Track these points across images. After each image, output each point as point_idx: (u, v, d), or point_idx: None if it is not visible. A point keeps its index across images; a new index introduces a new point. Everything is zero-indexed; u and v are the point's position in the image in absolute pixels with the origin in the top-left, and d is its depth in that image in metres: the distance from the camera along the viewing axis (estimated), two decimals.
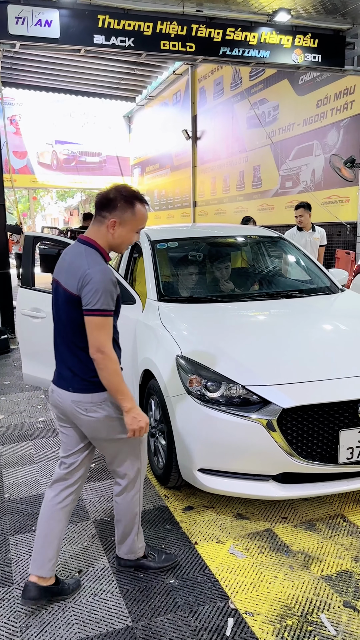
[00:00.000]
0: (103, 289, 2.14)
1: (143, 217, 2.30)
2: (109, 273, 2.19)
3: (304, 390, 2.82)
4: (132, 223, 2.27)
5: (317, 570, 2.58)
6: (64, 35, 6.96)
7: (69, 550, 2.78)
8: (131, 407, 2.22)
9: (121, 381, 2.20)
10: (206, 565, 2.63)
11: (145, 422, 2.25)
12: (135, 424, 2.23)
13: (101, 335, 2.16)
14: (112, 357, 2.17)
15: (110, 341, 2.19)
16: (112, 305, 2.18)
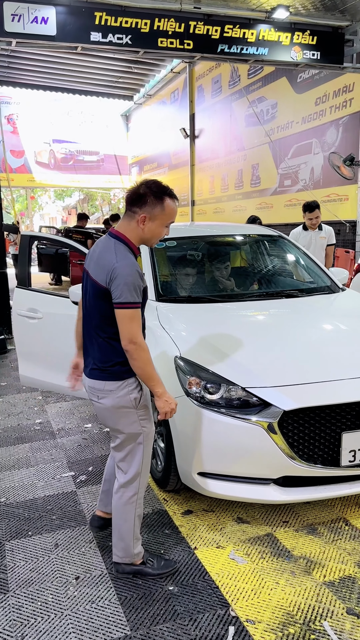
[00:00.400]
0: (131, 283, 2.23)
1: (172, 211, 2.36)
2: (135, 266, 2.28)
3: (306, 391, 2.76)
4: (161, 218, 2.34)
5: (320, 576, 2.53)
6: (61, 32, 6.90)
7: (65, 556, 2.72)
8: (163, 392, 2.34)
9: (153, 369, 2.31)
10: (206, 571, 2.57)
11: (175, 404, 2.39)
12: (167, 406, 2.34)
13: (133, 327, 2.25)
14: (144, 347, 2.27)
15: (141, 332, 2.29)
16: (139, 298, 2.27)
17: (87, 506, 3.18)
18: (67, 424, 4.48)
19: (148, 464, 2.51)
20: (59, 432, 4.32)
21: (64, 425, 4.45)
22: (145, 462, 2.48)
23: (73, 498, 3.28)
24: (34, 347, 4.14)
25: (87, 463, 3.73)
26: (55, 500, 3.27)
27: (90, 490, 3.35)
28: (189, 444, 2.86)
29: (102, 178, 21.89)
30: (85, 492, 3.34)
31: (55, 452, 3.92)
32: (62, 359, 4.04)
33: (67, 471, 3.63)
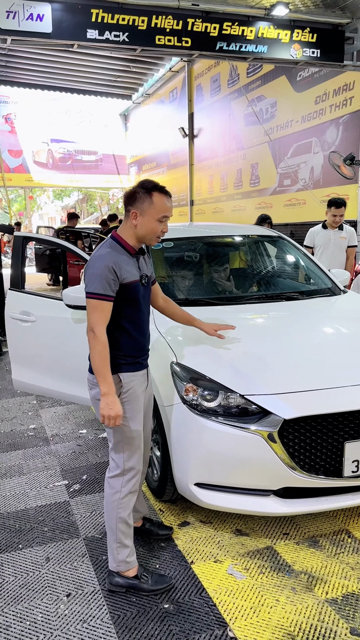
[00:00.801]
0: (97, 274, 2.26)
1: (162, 205, 2.34)
2: (105, 259, 2.29)
3: (307, 399, 2.65)
4: (151, 212, 2.33)
5: (322, 592, 2.42)
6: (57, 29, 6.78)
7: (56, 570, 2.61)
8: (106, 392, 2.27)
9: (103, 365, 2.27)
10: (203, 587, 2.46)
11: (116, 413, 2.26)
12: (106, 410, 2.26)
13: (93, 317, 2.27)
14: (100, 339, 2.26)
15: (103, 325, 2.27)
16: (108, 291, 2.27)
17: (80, 517, 3.07)
18: (62, 430, 4.37)
19: (132, 466, 2.43)
20: (53, 438, 4.21)
21: (58, 431, 4.34)
22: (128, 461, 2.41)
23: (66, 508, 3.17)
24: (27, 351, 4.03)
25: (81, 471, 3.62)
26: (48, 510, 3.16)
27: (84, 500, 3.24)
28: (185, 454, 2.75)
29: (101, 178, 21.77)
30: (79, 502, 3.22)
31: (49, 460, 3.81)
32: (55, 363, 3.94)
33: (61, 480, 3.52)
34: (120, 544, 2.44)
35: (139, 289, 2.39)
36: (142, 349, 2.47)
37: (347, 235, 5.81)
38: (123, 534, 2.44)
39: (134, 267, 2.40)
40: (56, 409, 4.87)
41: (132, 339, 2.41)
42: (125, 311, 2.37)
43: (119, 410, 2.27)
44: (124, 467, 2.43)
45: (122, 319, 2.37)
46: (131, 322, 2.40)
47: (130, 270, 2.36)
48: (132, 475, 2.44)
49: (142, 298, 2.43)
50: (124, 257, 2.36)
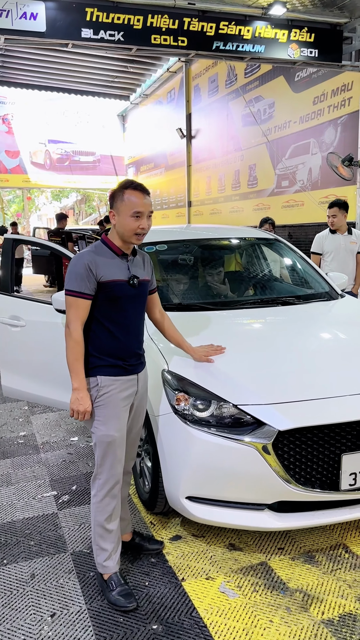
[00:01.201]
0: (73, 271, 2.31)
1: (133, 201, 2.32)
2: (84, 257, 2.32)
3: (303, 409, 2.55)
4: (124, 209, 2.33)
5: (317, 612, 2.31)
6: (51, 29, 6.68)
7: (42, 588, 2.51)
8: (77, 388, 2.31)
9: (75, 360, 2.30)
10: (194, 606, 2.36)
11: (85, 409, 2.30)
12: (75, 404, 2.30)
13: (68, 314, 2.32)
14: (73, 336, 2.30)
15: (77, 321, 2.31)
16: (83, 288, 2.29)
17: (69, 530, 2.97)
18: (53, 437, 4.26)
19: (106, 469, 2.39)
20: (43, 446, 4.10)
21: (49, 439, 4.23)
22: (101, 465, 2.39)
23: (54, 521, 3.06)
24: (16, 357, 3.92)
25: (70, 481, 3.51)
26: (35, 523, 3.05)
27: (73, 513, 3.14)
28: (176, 466, 2.65)
29: (99, 179, 21.66)
30: (67, 515, 3.12)
31: (38, 469, 3.71)
32: (45, 369, 3.84)
33: (49, 490, 3.41)
34: (98, 546, 2.46)
35: (124, 290, 2.36)
36: (126, 352, 2.41)
37: (357, 240, 5.50)
38: (100, 537, 2.44)
39: (120, 267, 2.38)
40: (48, 415, 4.76)
41: (112, 340, 2.37)
42: (106, 310, 2.36)
43: (87, 406, 2.31)
44: (97, 471, 2.42)
45: (102, 318, 2.37)
46: (112, 322, 2.37)
47: (112, 269, 2.35)
48: (106, 480, 2.39)
49: (129, 299, 2.39)
50: (106, 256, 2.37)
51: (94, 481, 2.44)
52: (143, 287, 2.47)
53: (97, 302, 2.34)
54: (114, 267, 2.36)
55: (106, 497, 2.40)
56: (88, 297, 2.31)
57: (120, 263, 2.39)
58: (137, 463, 3.20)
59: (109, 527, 2.42)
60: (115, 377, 2.37)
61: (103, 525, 2.41)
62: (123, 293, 2.36)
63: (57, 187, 25.14)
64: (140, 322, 2.50)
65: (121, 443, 2.41)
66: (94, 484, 2.44)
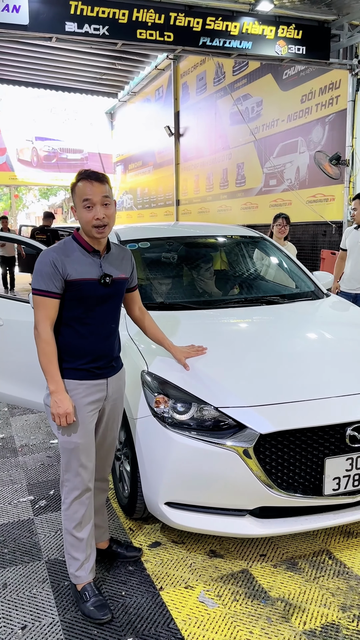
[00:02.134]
0: (38, 269, 2.20)
1: (81, 190, 2.19)
2: (49, 254, 2.20)
3: (285, 412, 2.47)
4: (77, 201, 2.22)
5: (299, 622, 2.23)
6: (34, 21, 6.56)
7: (13, 599, 2.40)
8: (54, 390, 2.19)
9: (48, 362, 2.19)
10: (172, 617, 2.27)
11: (65, 411, 2.17)
12: (55, 408, 2.19)
13: (36, 314, 2.21)
14: (42, 337, 2.19)
15: (46, 321, 2.19)
16: (50, 287, 2.17)
17: (44, 537, 2.86)
18: (32, 440, 4.15)
19: (71, 476, 2.28)
20: (21, 449, 3.99)
21: (28, 441, 4.12)
22: (66, 471, 2.29)
23: (29, 527, 2.95)
24: None
25: (48, 485, 3.40)
26: (9, 529, 2.94)
27: (49, 518, 3.03)
28: (155, 470, 2.55)
29: None
30: (44, 521, 3.01)
31: (16, 473, 3.59)
32: (23, 370, 3.72)
33: (26, 495, 3.30)
34: (70, 555, 2.36)
35: (94, 289, 2.23)
36: (94, 355, 2.28)
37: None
38: (71, 546, 2.34)
39: (90, 265, 2.24)
40: (28, 417, 4.64)
41: (79, 342, 2.25)
42: (73, 310, 2.23)
43: (67, 407, 2.18)
44: (62, 477, 2.32)
45: (69, 319, 2.24)
46: (80, 323, 2.25)
47: (81, 267, 2.21)
48: (72, 487, 2.29)
49: (100, 299, 2.25)
50: (75, 253, 2.24)
51: (62, 487, 2.34)
52: (118, 286, 2.33)
53: (64, 301, 2.21)
54: (84, 265, 2.23)
55: (73, 504, 2.29)
56: (55, 296, 2.19)
57: (92, 260, 2.25)
58: (117, 467, 3.10)
59: (79, 536, 2.31)
60: (80, 381, 2.25)
61: (72, 533, 2.31)
62: (93, 292, 2.23)
63: (45, 185, 24.93)
64: (113, 324, 2.36)
65: (86, 449, 2.28)
66: (62, 491, 2.34)
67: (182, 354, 2.68)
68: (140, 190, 18.73)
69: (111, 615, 2.25)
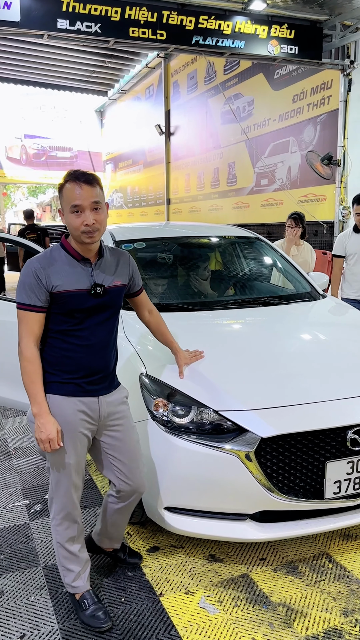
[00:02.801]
0: (21, 281, 2.05)
1: (69, 195, 2.02)
2: (33, 264, 2.05)
3: (286, 415, 2.45)
4: (65, 206, 2.06)
5: (301, 628, 2.21)
6: (25, 18, 6.49)
7: (11, 607, 2.36)
8: (36, 413, 2.04)
9: (30, 382, 2.04)
10: (173, 624, 2.24)
11: (47, 437, 2.01)
12: (37, 432, 2.03)
13: (19, 329, 2.06)
14: (25, 354, 2.04)
15: (29, 337, 2.04)
16: (33, 300, 2.02)
17: (41, 542, 2.82)
18: (26, 442, 4.10)
19: (61, 494, 2.18)
20: (15, 451, 3.94)
21: (21, 444, 4.07)
22: (55, 490, 2.19)
23: (25, 532, 2.91)
24: None
25: (44, 489, 3.36)
26: (5, 535, 2.89)
27: (46, 523, 2.99)
28: (154, 475, 2.52)
29: None
30: (40, 525, 2.97)
31: (10, 476, 3.54)
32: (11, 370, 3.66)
33: (21, 499, 3.25)
34: (64, 567, 2.29)
35: (84, 301, 2.07)
36: (85, 371, 2.12)
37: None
38: (65, 559, 2.27)
39: (78, 274, 2.08)
40: (21, 419, 4.59)
41: (68, 357, 2.09)
42: (60, 325, 2.08)
43: (50, 432, 2.01)
44: (51, 494, 2.23)
45: (57, 332, 2.08)
46: (69, 337, 2.09)
47: (68, 277, 2.05)
48: (62, 506, 2.19)
49: (91, 312, 2.10)
50: (62, 262, 2.07)
51: (50, 504, 2.24)
52: (113, 295, 2.16)
53: (50, 314, 2.06)
54: (71, 275, 2.05)
55: (64, 521, 2.21)
56: (39, 310, 2.02)
57: (81, 269, 2.08)
58: None
59: (72, 550, 2.25)
60: (66, 397, 2.09)
61: (65, 547, 2.24)
62: (82, 305, 2.06)
63: (34, 183, 24.78)
64: (107, 336, 2.18)
65: (78, 468, 2.17)
66: (50, 507, 2.24)
67: (184, 361, 2.61)
68: (131, 189, 18.67)
69: (111, 623, 2.22)
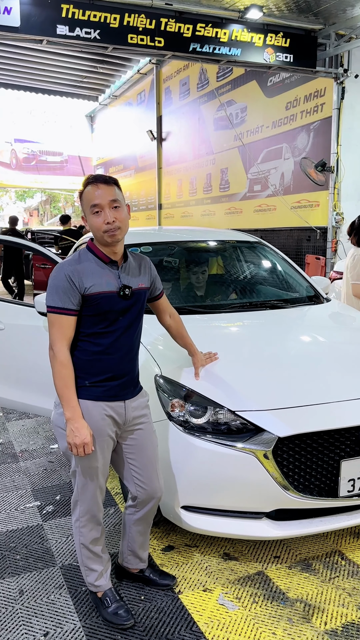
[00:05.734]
0: (53, 285, 2.09)
1: (90, 196, 2.10)
2: (64, 267, 2.10)
3: (302, 415, 2.50)
4: (85, 208, 2.13)
5: (320, 623, 2.26)
6: (25, 24, 6.53)
7: (32, 605, 2.38)
8: (70, 418, 2.06)
9: (64, 386, 2.07)
10: (194, 620, 2.28)
11: (82, 441, 2.04)
12: (71, 437, 2.06)
13: (52, 333, 2.09)
14: (59, 358, 2.07)
15: (62, 341, 2.07)
16: (66, 303, 2.06)
17: (55, 543, 2.84)
18: (31, 445, 4.11)
19: (87, 497, 2.22)
20: (22, 454, 3.95)
21: (27, 446, 4.08)
22: (82, 493, 2.22)
23: (39, 533, 2.93)
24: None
25: (54, 491, 3.38)
26: (20, 536, 2.91)
27: (59, 524, 3.01)
28: (171, 475, 2.56)
29: (66, 179, 21.36)
30: (53, 526, 2.99)
31: (19, 478, 3.56)
32: (25, 374, 3.69)
33: (32, 500, 3.27)
34: (87, 567, 2.32)
35: (114, 302, 2.11)
36: (114, 374, 2.16)
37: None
38: (88, 559, 2.30)
39: (108, 276, 2.13)
40: (25, 422, 4.60)
41: (98, 360, 2.13)
42: (92, 327, 2.11)
43: (85, 437, 2.04)
44: (77, 497, 2.25)
45: (87, 336, 2.12)
46: (100, 339, 2.12)
47: (99, 279, 2.10)
48: (87, 509, 2.23)
49: (120, 313, 2.14)
50: (91, 265, 2.12)
51: (74, 507, 2.26)
52: (138, 297, 2.21)
53: (81, 317, 2.09)
54: (101, 277, 2.10)
55: (89, 523, 2.24)
56: (72, 313, 2.06)
57: (109, 272, 2.13)
58: None
59: (96, 550, 2.28)
60: (95, 402, 2.13)
61: (88, 548, 2.27)
62: (112, 306, 2.11)
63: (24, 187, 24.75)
64: (135, 339, 2.25)
65: (104, 471, 2.22)
66: (74, 509, 2.27)
67: (200, 363, 2.65)
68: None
69: (134, 621, 2.25)
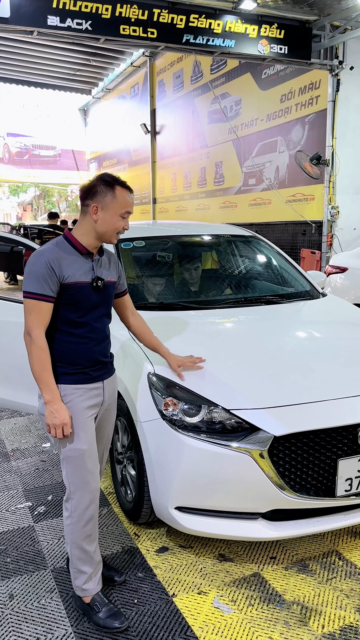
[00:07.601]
0: (32, 272, 2.09)
1: (125, 200, 2.17)
2: (45, 255, 2.11)
3: (298, 413, 2.44)
4: (113, 206, 2.15)
5: (317, 626, 2.21)
6: (15, 14, 6.41)
7: (22, 610, 2.32)
8: (49, 400, 2.10)
9: (42, 370, 2.10)
10: (188, 625, 2.22)
11: (61, 422, 2.09)
12: (50, 418, 2.10)
13: (29, 319, 2.10)
14: (37, 343, 2.09)
15: (40, 327, 2.10)
16: (46, 290, 2.09)
17: (47, 544, 2.78)
18: (23, 444, 4.04)
19: (78, 488, 2.19)
20: (13, 453, 3.88)
21: (19, 445, 4.01)
22: (73, 484, 2.19)
23: (30, 535, 2.86)
24: None
25: (46, 491, 3.31)
26: (10, 537, 2.85)
27: (50, 525, 2.95)
28: (164, 475, 2.50)
29: (59, 174, 21.24)
30: (45, 527, 2.93)
31: (10, 478, 3.49)
32: (15, 371, 3.61)
33: (24, 501, 3.20)
34: (76, 569, 2.26)
35: (87, 293, 2.17)
36: (89, 359, 2.22)
37: None
38: (78, 560, 2.25)
39: (84, 267, 2.18)
40: (16, 420, 4.52)
41: (74, 346, 2.18)
42: (67, 314, 2.16)
43: (64, 418, 2.09)
44: (68, 490, 2.22)
45: (62, 323, 2.17)
46: (74, 327, 2.18)
47: (76, 269, 2.14)
48: (80, 498, 2.20)
49: (92, 303, 2.19)
50: (70, 255, 2.16)
51: (67, 502, 2.23)
52: (108, 290, 2.28)
53: (57, 305, 2.14)
54: (78, 267, 2.16)
55: (83, 517, 2.20)
56: (50, 300, 2.10)
57: (84, 263, 2.18)
58: (119, 471, 3.04)
59: (89, 549, 2.23)
60: (77, 385, 2.18)
61: (82, 546, 2.22)
62: (86, 297, 2.17)
63: (17, 182, 24.56)
64: (105, 327, 2.31)
65: (92, 455, 2.20)
66: (66, 505, 2.23)
67: (177, 363, 2.60)
68: None
69: (127, 624, 2.19)
